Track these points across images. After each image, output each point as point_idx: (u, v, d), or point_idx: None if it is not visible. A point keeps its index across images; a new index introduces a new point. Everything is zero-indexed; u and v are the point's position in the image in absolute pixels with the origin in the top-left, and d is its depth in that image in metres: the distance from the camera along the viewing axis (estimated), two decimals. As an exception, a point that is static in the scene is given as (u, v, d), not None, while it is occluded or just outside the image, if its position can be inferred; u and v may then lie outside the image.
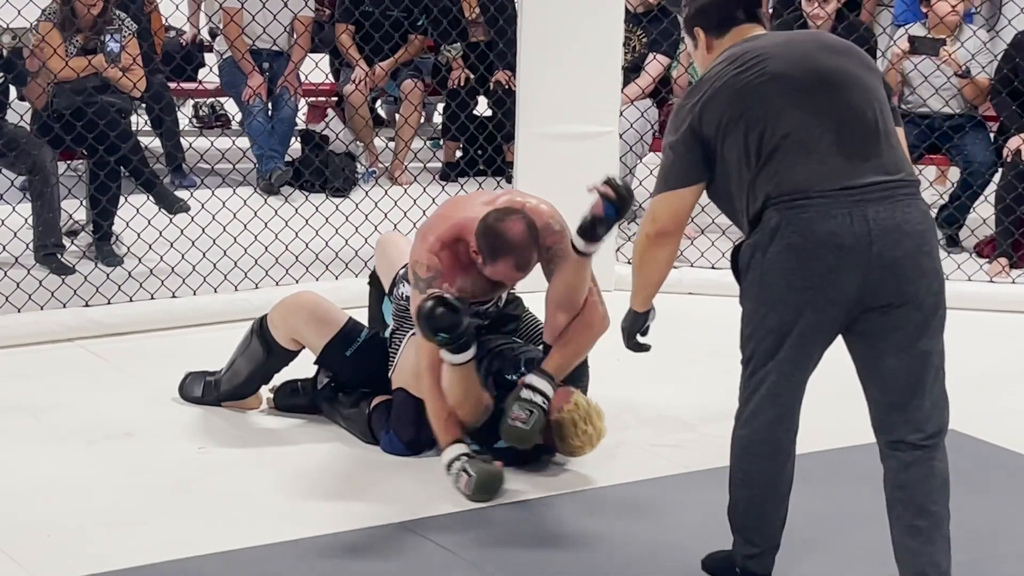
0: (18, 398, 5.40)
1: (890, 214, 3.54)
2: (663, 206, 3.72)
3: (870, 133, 3.62)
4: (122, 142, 6.93)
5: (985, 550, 4.30)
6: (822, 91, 3.62)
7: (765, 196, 3.56)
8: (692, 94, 3.69)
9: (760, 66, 3.63)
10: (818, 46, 3.74)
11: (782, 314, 3.58)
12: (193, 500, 4.57)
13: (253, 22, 7.95)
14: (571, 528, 4.45)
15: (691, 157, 3.67)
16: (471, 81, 8.80)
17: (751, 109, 3.59)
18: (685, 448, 5.04)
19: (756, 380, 3.66)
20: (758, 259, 3.59)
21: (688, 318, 6.58)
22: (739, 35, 3.78)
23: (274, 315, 5.15)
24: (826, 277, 3.53)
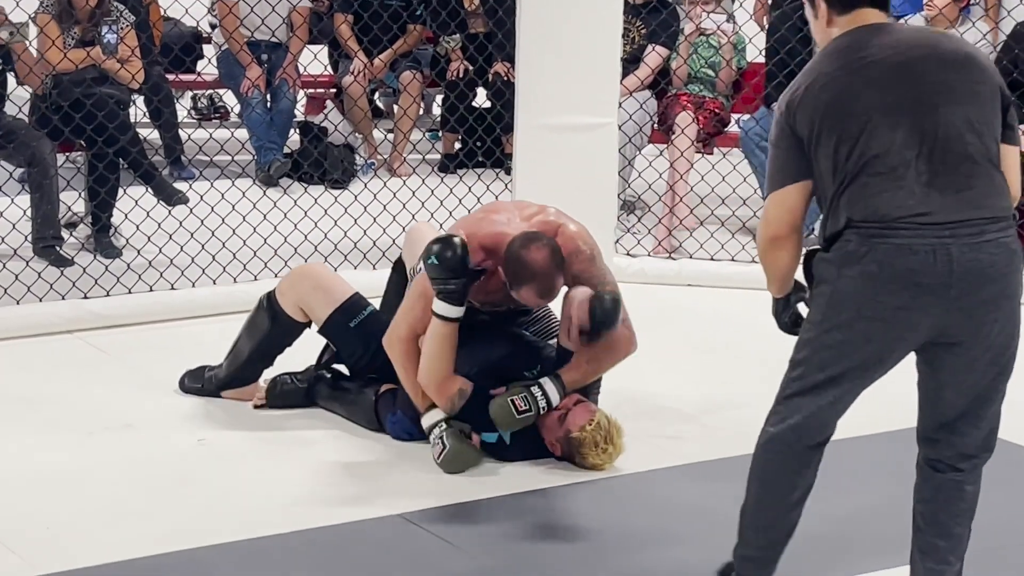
0: (17, 390, 5.40)
1: (975, 255, 3.40)
2: (771, 208, 3.57)
3: (966, 161, 3.44)
4: (121, 134, 6.93)
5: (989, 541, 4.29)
6: (921, 111, 3.44)
7: (848, 218, 3.44)
8: (791, 90, 3.55)
9: (863, 72, 3.47)
10: (929, 53, 3.52)
11: (847, 336, 3.46)
12: (193, 492, 4.56)
13: (251, 13, 7.94)
14: (571, 520, 4.45)
15: (789, 154, 3.52)
16: (470, 72, 8.79)
17: (845, 121, 3.44)
18: (685, 440, 5.03)
19: (801, 386, 3.54)
20: (832, 276, 3.46)
21: (687, 310, 6.59)
22: (860, 19, 3.56)
23: (283, 283, 5.19)
24: (898, 313, 3.42)
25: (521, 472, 4.74)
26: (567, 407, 4.75)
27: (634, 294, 6.80)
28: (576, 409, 4.74)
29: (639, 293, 6.83)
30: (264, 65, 8.54)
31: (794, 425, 3.56)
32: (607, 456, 4.74)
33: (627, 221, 7.56)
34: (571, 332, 4.70)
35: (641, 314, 6.43)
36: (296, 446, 4.95)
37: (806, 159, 3.52)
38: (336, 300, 5.06)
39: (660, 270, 7.05)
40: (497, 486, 4.64)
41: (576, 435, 4.71)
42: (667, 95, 7.85)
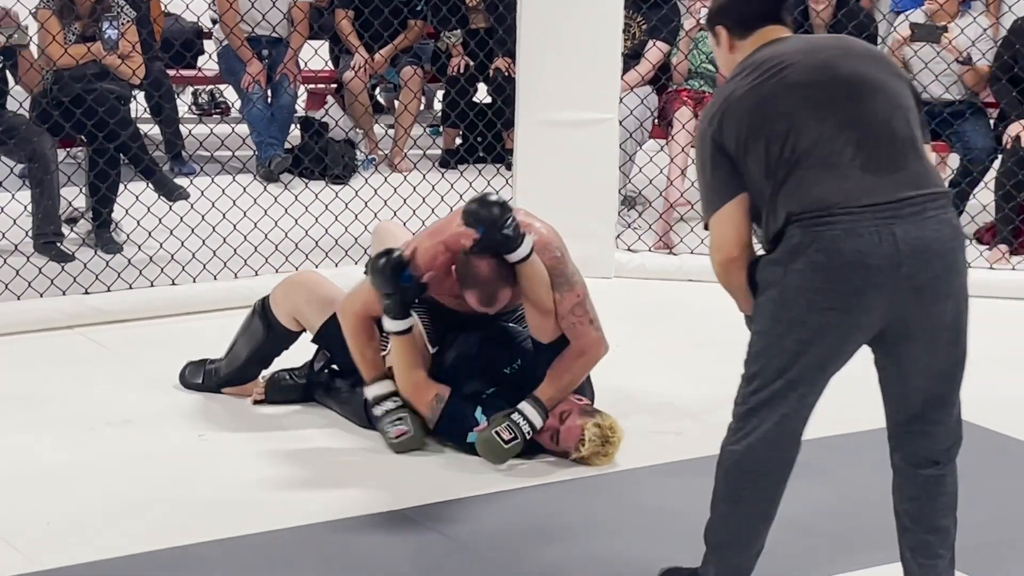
0: (18, 386, 5.40)
1: (920, 232, 3.40)
2: (715, 231, 3.57)
3: (896, 143, 3.47)
4: (121, 129, 6.92)
5: (986, 536, 4.30)
6: (845, 101, 3.48)
7: (787, 213, 3.43)
8: (710, 108, 3.57)
9: (780, 76, 3.49)
10: (842, 52, 3.58)
11: (801, 333, 3.44)
12: (193, 487, 4.57)
13: (252, 9, 7.94)
14: (570, 515, 4.45)
15: (720, 172, 3.52)
16: (471, 68, 8.79)
17: (770, 122, 3.46)
18: (685, 435, 5.03)
19: (761, 398, 3.51)
20: (778, 276, 3.45)
21: (687, 305, 6.59)
22: (763, 37, 3.63)
23: (276, 293, 5.18)
24: (851, 299, 3.40)
25: (520, 467, 4.74)
26: (555, 427, 4.76)
27: (634, 289, 6.83)
28: (565, 428, 4.74)
29: (639, 288, 6.85)
30: (265, 61, 8.53)
31: (764, 441, 3.53)
32: (608, 458, 4.76)
33: (628, 216, 7.56)
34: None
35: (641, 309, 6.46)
36: (296, 442, 4.95)
37: (737, 173, 3.51)
38: (329, 310, 5.05)
39: (660, 265, 7.05)
40: (497, 481, 4.65)
41: (575, 456, 4.74)
42: (668, 91, 7.84)
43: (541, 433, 4.75)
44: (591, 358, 4.78)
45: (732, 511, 3.62)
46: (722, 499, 3.63)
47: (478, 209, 4.57)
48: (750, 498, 3.60)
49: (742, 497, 3.60)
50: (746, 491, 3.59)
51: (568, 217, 6.59)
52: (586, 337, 4.74)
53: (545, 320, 4.70)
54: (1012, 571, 4.19)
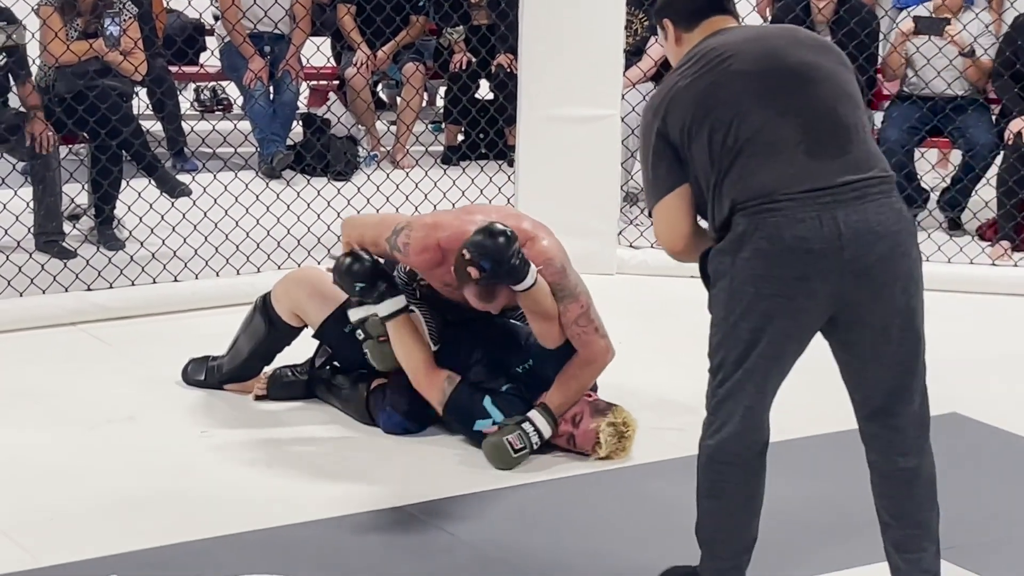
0: (20, 382, 5.40)
1: (862, 216, 3.41)
2: (658, 223, 3.61)
3: (840, 129, 3.48)
4: (124, 126, 6.93)
5: (988, 533, 4.31)
6: (789, 88, 3.48)
7: (732, 201, 3.44)
8: (654, 98, 3.58)
9: (724, 64, 3.50)
10: (789, 41, 3.59)
11: (752, 322, 3.45)
12: (195, 484, 4.57)
13: (254, 5, 7.94)
14: (573, 511, 4.46)
15: (662, 163, 3.54)
16: (473, 64, 8.79)
17: (715, 110, 3.46)
18: (688, 431, 5.00)
19: (725, 390, 3.53)
20: (727, 266, 3.46)
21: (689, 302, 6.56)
22: (709, 28, 3.63)
23: (277, 289, 5.18)
24: (796, 284, 3.40)
25: (524, 463, 4.74)
26: (569, 431, 4.79)
27: (637, 286, 6.83)
28: (580, 432, 4.78)
29: (642, 285, 6.85)
30: (267, 57, 8.53)
31: (733, 433, 3.54)
32: (626, 451, 4.80)
33: (630, 213, 7.56)
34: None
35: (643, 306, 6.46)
36: (298, 439, 4.96)
37: (680, 165, 3.52)
38: (330, 306, 5.05)
39: (663, 262, 6.97)
40: (499, 477, 4.65)
41: (594, 457, 4.77)
42: (670, 87, 7.83)
43: (557, 438, 4.78)
44: (599, 366, 4.81)
45: (715, 506, 3.64)
46: (704, 495, 3.65)
47: (483, 241, 4.50)
48: (730, 490, 3.61)
49: (723, 490, 3.62)
50: (725, 484, 3.61)
51: (570, 213, 6.63)
52: (593, 346, 4.76)
53: (550, 328, 4.72)
54: (1016, 568, 4.18)
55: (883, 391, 3.55)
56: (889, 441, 3.59)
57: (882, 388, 3.55)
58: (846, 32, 7.47)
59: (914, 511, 3.62)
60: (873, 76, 7.77)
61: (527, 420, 4.72)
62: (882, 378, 3.54)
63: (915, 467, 3.60)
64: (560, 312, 4.69)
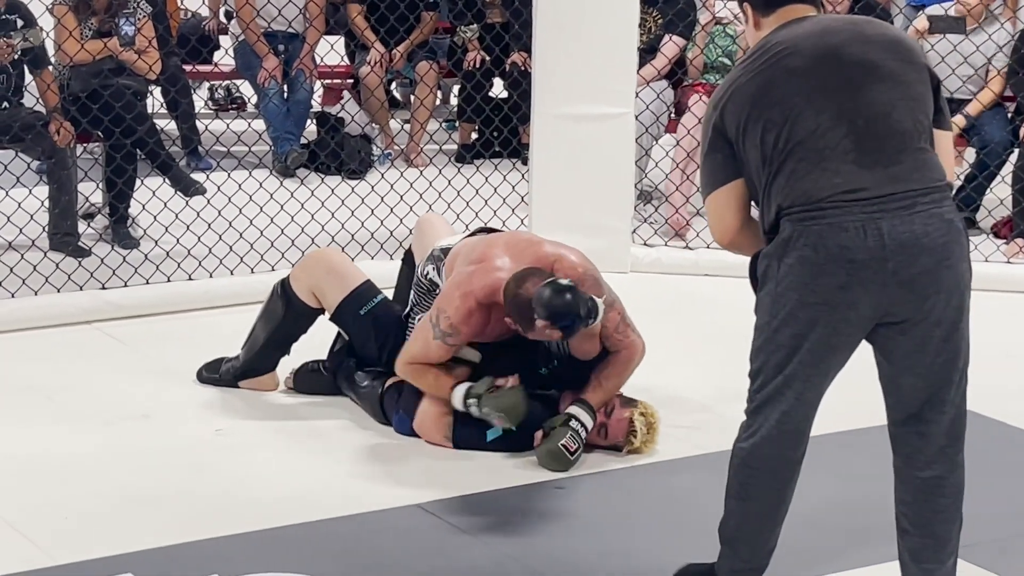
0: (36, 380, 5.41)
1: (908, 227, 3.36)
2: (709, 214, 3.60)
3: (893, 136, 3.42)
4: (138, 125, 6.94)
5: (1004, 531, 4.30)
6: (844, 90, 3.43)
7: (778, 206, 3.43)
8: (718, 91, 3.57)
9: (784, 62, 3.47)
10: (852, 36, 3.51)
11: (794, 328, 3.43)
12: (210, 481, 4.58)
13: (268, 4, 7.95)
14: (587, 510, 4.45)
15: (720, 156, 3.53)
16: (487, 63, 8.78)
17: (769, 110, 3.44)
18: (702, 429, 5.03)
19: (765, 395, 3.52)
20: (773, 270, 3.45)
21: (704, 299, 6.58)
22: (785, 16, 3.59)
23: (296, 268, 5.23)
24: (838, 293, 3.39)
25: (537, 463, 4.73)
26: (602, 421, 4.81)
27: (650, 284, 6.82)
28: (613, 421, 4.81)
29: (655, 283, 6.84)
30: (281, 56, 8.54)
31: (767, 438, 3.53)
32: (654, 443, 4.84)
33: (644, 211, 7.56)
34: None
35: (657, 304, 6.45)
36: (313, 436, 4.96)
37: (735, 160, 3.52)
38: (348, 287, 5.08)
39: (676, 260, 7.04)
40: (514, 476, 4.65)
41: (627, 448, 4.80)
42: (683, 85, 7.84)
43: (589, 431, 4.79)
44: (636, 363, 4.88)
45: (742, 508, 3.64)
46: (733, 496, 3.64)
47: (553, 303, 4.49)
48: (758, 495, 3.61)
49: (751, 494, 3.61)
50: (754, 488, 3.60)
51: (584, 211, 6.63)
52: (633, 347, 4.84)
53: (592, 344, 4.78)
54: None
55: (917, 400, 3.53)
56: (916, 448, 3.57)
57: (916, 397, 3.53)
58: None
59: (933, 521, 3.59)
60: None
61: (572, 418, 4.72)
62: (916, 387, 3.52)
63: (938, 477, 3.57)
64: (602, 324, 4.71)
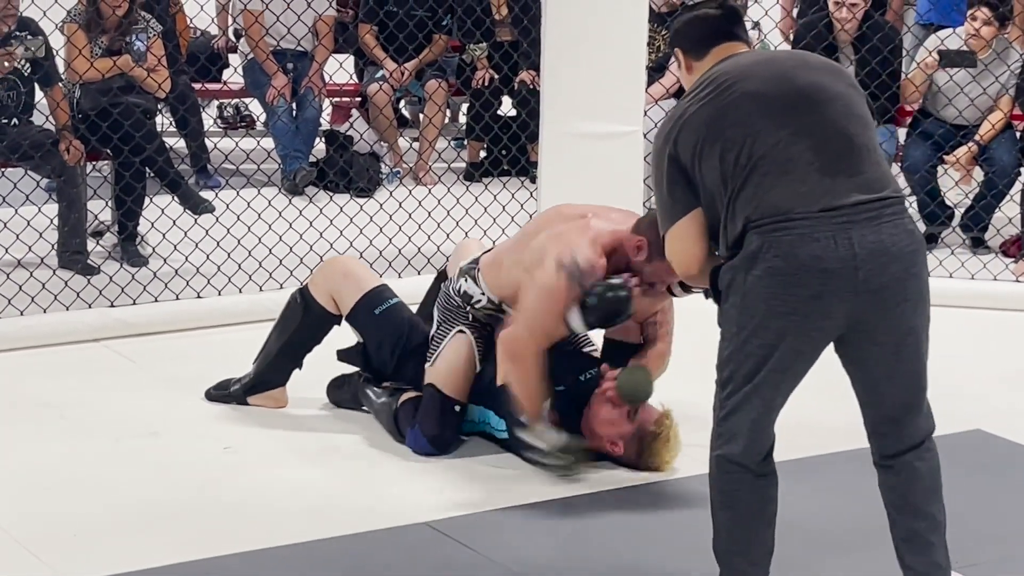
0: (44, 397, 5.41)
1: (876, 236, 3.44)
2: (670, 247, 3.65)
3: (852, 150, 3.51)
4: (147, 143, 6.95)
5: (1012, 550, 4.29)
6: (800, 108, 3.52)
7: (745, 219, 3.47)
8: (666, 125, 3.63)
9: (736, 87, 3.54)
10: (798, 63, 3.65)
11: (763, 338, 3.48)
12: (218, 499, 4.58)
13: (277, 23, 7.97)
14: (597, 528, 4.45)
15: (677, 188, 3.57)
16: (495, 81, 8.79)
17: (727, 130, 3.50)
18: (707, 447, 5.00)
19: (734, 402, 3.56)
20: (739, 283, 3.49)
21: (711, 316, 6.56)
22: (719, 55, 3.69)
23: (316, 274, 5.30)
24: (810, 303, 3.44)
25: (547, 481, 4.73)
26: None
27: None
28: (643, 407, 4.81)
29: (664, 301, 6.83)
30: (290, 74, 8.55)
31: (741, 445, 3.57)
32: (676, 451, 4.81)
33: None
34: None
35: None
36: (322, 453, 4.96)
37: (692, 189, 3.56)
38: (364, 288, 5.14)
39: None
40: (523, 495, 4.64)
41: (653, 429, 4.78)
42: (693, 103, 7.83)
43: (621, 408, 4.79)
44: (666, 362, 4.95)
45: (729, 516, 3.65)
46: (718, 507, 3.67)
47: None
48: (743, 498, 3.63)
49: (736, 499, 3.64)
50: (737, 492, 3.63)
51: (593, 230, 6.60)
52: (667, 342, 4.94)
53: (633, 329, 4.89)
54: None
55: (896, 405, 3.60)
56: (892, 442, 3.64)
57: (896, 403, 3.60)
58: (869, 49, 7.46)
59: (917, 502, 3.64)
60: (896, 92, 7.74)
61: None
62: (895, 394, 3.59)
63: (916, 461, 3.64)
64: None
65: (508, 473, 4.79)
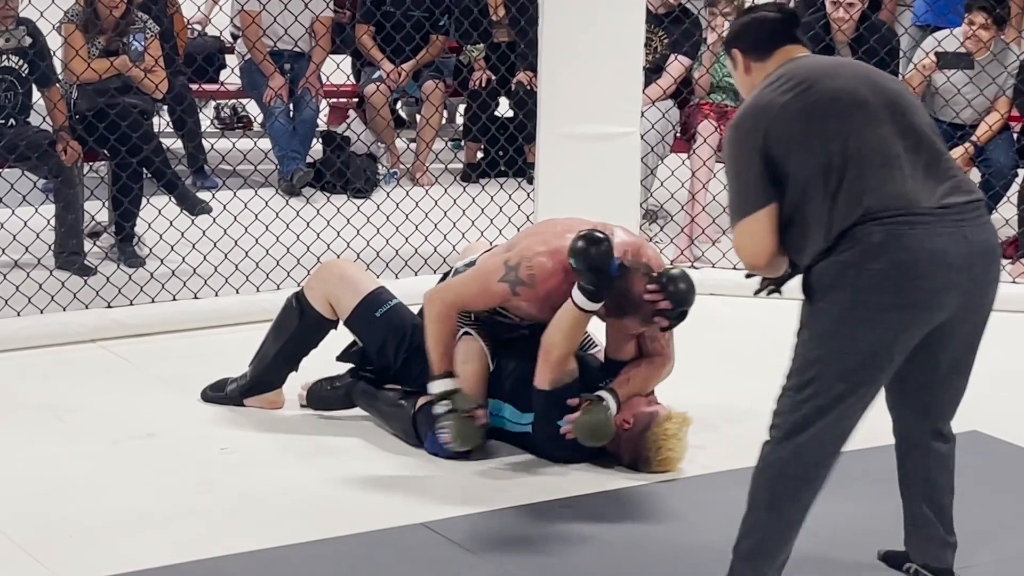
0: (41, 398, 5.41)
1: (983, 235, 3.53)
2: (741, 239, 3.61)
3: (940, 154, 3.58)
4: (144, 143, 6.95)
5: (1008, 549, 4.29)
6: (893, 110, 3.56)
7: (864, 210, 3.46)
8: (747, 117, 3.60)
9: (822, 84, 3.56)
10: (874, 71, 3.71)
11: (876, 334, 3.47)
12: (215, 500, 4.58)
13: (274, 23, 7.97)
14: (593, 529, 4.45)
15: (758, 179, 3.54)
16: (492, 82, 8.79)
17: (827, 122, 3.51)
18: (707, 449, 5.02)
19: (817, 404, 3.52)
20: (851, 277, 3.47)
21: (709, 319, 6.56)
22: (784, 56, 3.71)
23: (311, 279, 5.27)
24: (931, 296, 3.47)
25: (544, 481, 4.74)
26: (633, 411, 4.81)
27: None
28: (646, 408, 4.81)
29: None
30: (287, 75, 8.55)
31: (814, 446, 3.55)
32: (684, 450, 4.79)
33: (649, 230, 7.56)
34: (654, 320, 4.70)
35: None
36: (319, 454, 4.96)
37: (774, 181, 3.54)
38: (362, 292, 5.12)
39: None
40: (520, 495, 4.64)
41: (657, 429, 4.75)
42: (689, 104, 7.85)
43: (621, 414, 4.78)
44: (666, 373, 4.93)
45: (771, 519, 3.63)
46: (763, 507, 3.63)
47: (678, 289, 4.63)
48: (790, 506, 3.61)
49: (785, 505, 3.61)
50: (792, 498, 3.60)
51: (590, 231, 6.60)
52: (667, 357, 4.90)
53: (631, 346, 4.85)
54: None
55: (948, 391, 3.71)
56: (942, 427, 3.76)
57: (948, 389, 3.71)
58: (866, 50, 7.46)
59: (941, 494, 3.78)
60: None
61: (601, 399, 4.73)
62: (950, 379, 3.68)
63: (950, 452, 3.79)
64: None
65: (506, 474, 4.79)
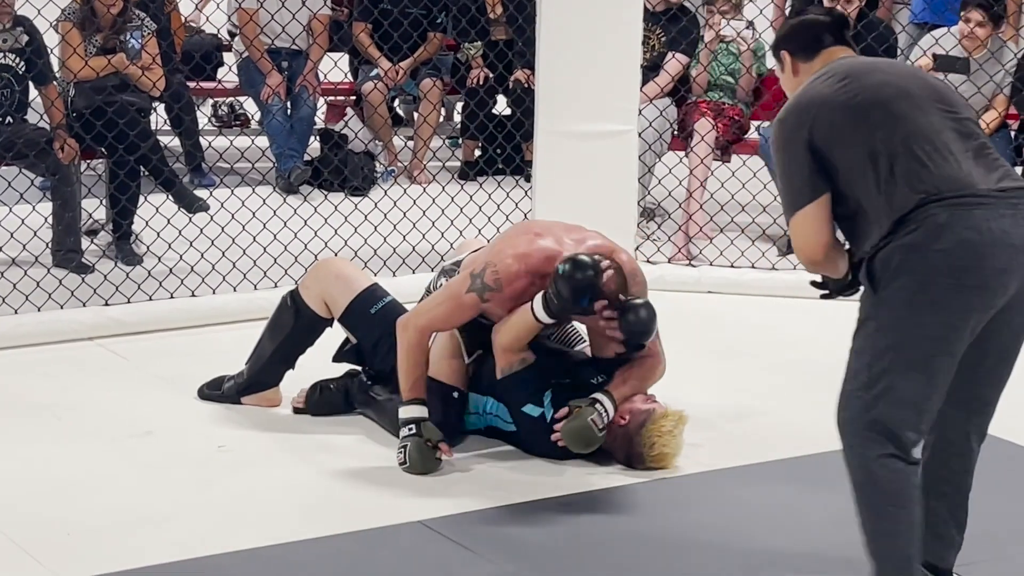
0: (39, 397, 5.41)
1: None
2: (797, 231, 3.62)
3: (986, 145, 3.60)
4: (142, 141, 6.95)
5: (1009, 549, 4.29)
6: (940, 101, 3.60)
7: (924, 192, 3.46)
8: (793, 112, 3.63)
9: (867, 77, 3.62)
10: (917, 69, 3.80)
11: (947, 316, 3.45)
12: (213, 498, 4.58)
13: (272, 21, 7.97)
14: (591, 527, 4.45)
15: (807, 171, 3.57)
16: (490, 80, 8.79)
17: (872, 111, 3.54)
18: (705, 447, 5.02)
19: (898, 395, 3.48)
20: (916, 260, 3.46)
21: (708, 317, 6.58)
22: (829, 57, 3.77)
23: (306, 278, 5.27)
24: (998, 277, 3.46)
25: (541, 479, 4.74)
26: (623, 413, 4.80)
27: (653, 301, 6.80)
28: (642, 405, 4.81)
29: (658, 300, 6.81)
30: (284, 72, 8.56)
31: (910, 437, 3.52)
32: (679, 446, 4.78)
33: (647, 228, 7.56)
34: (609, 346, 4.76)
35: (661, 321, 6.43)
36: (316, 452, 4.95)
37: (822, 173, 3.57)
38: (356, 289, 5.13)
39: (680, 277, 7.04)
40: (518, 493, 4.64)
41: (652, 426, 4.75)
42: (687, 102, 7.85)
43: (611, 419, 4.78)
44: (659, 374, 4.93)
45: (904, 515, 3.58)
46: (888, 507, 3.58)
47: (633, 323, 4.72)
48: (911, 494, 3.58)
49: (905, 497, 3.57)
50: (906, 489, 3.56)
51: (587, 229, 6.60)
52: (658, 357, 4.91)
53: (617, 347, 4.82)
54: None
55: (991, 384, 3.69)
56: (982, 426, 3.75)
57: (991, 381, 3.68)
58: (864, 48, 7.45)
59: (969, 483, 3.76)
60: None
61: (598, 402, 4.73)
62: (995, 371, 3.66)
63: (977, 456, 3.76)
64: None
65: (503, 471, 4.79)
